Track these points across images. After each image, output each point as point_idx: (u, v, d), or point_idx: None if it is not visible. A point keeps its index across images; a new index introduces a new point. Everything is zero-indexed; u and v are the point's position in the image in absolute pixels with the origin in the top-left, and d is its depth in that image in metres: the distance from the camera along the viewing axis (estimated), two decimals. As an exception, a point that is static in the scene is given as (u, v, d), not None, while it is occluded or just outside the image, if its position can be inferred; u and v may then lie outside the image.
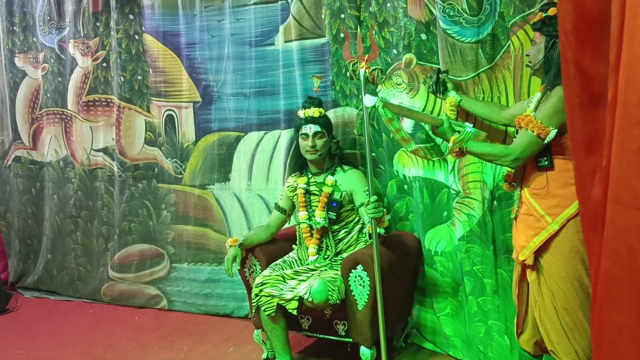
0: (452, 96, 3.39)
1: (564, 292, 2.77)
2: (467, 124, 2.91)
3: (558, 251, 2.74)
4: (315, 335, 3.75)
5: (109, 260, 5.26)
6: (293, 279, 3.56)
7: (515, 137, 2.82)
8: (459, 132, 2.82)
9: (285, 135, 4.42)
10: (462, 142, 2.80)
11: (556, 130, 2.70)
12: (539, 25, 2.84)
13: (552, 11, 2.81)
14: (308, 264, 3.73)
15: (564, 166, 2.76)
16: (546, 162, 2.78)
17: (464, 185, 3.53)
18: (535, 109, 2.84)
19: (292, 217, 4.03)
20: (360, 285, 3.43)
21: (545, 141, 2.70)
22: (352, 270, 3.45)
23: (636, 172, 1.72)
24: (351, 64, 3.14)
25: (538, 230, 2.78)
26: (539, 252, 2.80)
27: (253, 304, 3.59)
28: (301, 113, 3.84)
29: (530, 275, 2.88)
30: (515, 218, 2.96)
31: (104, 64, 5.13)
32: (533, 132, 2.70)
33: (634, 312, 1.80)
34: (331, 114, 4.07)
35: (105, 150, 5.23)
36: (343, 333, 3.61)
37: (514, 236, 2.99)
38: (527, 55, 2.97)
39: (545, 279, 2.81)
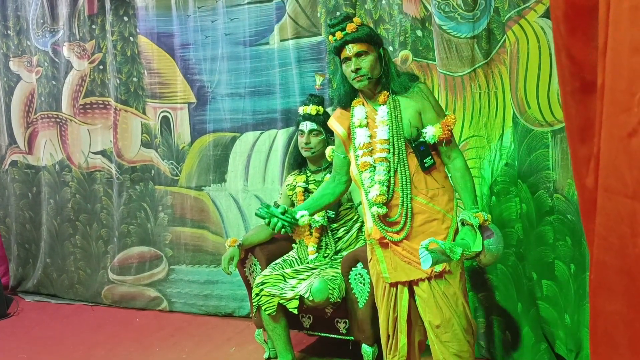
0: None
1: (458, 293, 2.73)
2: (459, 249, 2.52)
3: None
4: (316, 333, 3.76)
5: (109, 262, 5.26)
6: (293, 278, 3.56)
7: (445, 147, 2.73)
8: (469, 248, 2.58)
9: (281, 135, 4.42)
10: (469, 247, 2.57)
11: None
12: (367, 36, 2.67)
13: (357, 21, 2.69)
14: (308, 263, 3.73)
15: (438, 160, 2.76)
16: (432, 161, 2.72)
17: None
18: (393, 119, 2.72)
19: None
20: (360, 283, 3.43)
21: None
22: (353, 268, 3.45)
23: (625, 159, 1.69)
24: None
25: (446, 231, 2.70)
26: None
27: (254, 304, 3.60)
28: (300, 110, 3.85)
29: (423, 288, 2.75)
30: (407, 236, 2.72)
31: (101, 67, 5.12)
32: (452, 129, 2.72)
33: (626, 300, 1.78)
34: (328, 112, 4.07)
35: (103, 153, 5.22)
36: (344, 331, 3.61)
37: (406, 259, 2.74)
38: (355, 70, 2.67)
39: (439, 284, 2.71)
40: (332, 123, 2.95)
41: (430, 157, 2.71)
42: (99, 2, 5.01)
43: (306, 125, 3.74)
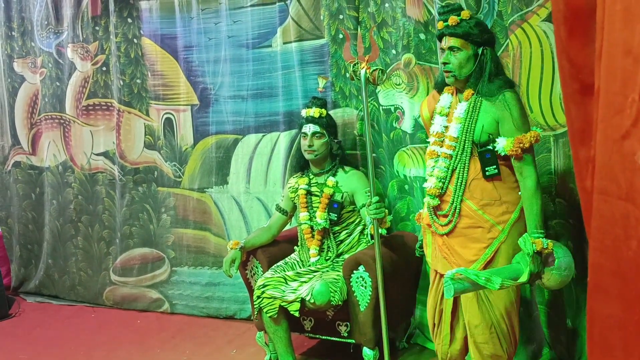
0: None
1: (502, 298, 2.73)
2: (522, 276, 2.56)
3: (502, 257, 2.69)
4: (317, 336, 3.76)
5: (111, 264, 5.26)
6: (295, 280, 3.56)
7: (516, 162, 2.68)
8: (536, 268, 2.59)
9: (284, 137, 4.42)
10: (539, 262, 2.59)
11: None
12: (463, 33, 2.66)
13: (465, 14, 2.68)
14: (310, 266, 3.73)
15: (506, 171, 2.73)
16: (495, 171, 2.69)
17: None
18: (468, 119, 2.70)
19: (293, 218, 4.03)
20: (362, 286, 3.43)
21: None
22: (354, 271, 3.45)
23: (619, 161, 1.70)
24: (352, 64, 3.14)
25: (490, 241, 2.70)
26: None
27: (255, 306, 3.59)
28: (303, 112, 3.85)
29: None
30: (448, 233, 2.78)
31: (104, 68, 5.13)
32: (531, 145, 2.66)
33: (620, 303, 1.78)
34: (330, 114, 4.07)
35: (106, 154, 5.22)
36: (345, 334, 3.61)
37: (444, 253, 2.81)
38: (443, 63, 2.71)
39: (484, 290, 2.69)
40: (422, 105, 3.03)
41: (494, 166, 2.68)
42: (103, 4, 5.02)
43: (309, 128, 3.74)
